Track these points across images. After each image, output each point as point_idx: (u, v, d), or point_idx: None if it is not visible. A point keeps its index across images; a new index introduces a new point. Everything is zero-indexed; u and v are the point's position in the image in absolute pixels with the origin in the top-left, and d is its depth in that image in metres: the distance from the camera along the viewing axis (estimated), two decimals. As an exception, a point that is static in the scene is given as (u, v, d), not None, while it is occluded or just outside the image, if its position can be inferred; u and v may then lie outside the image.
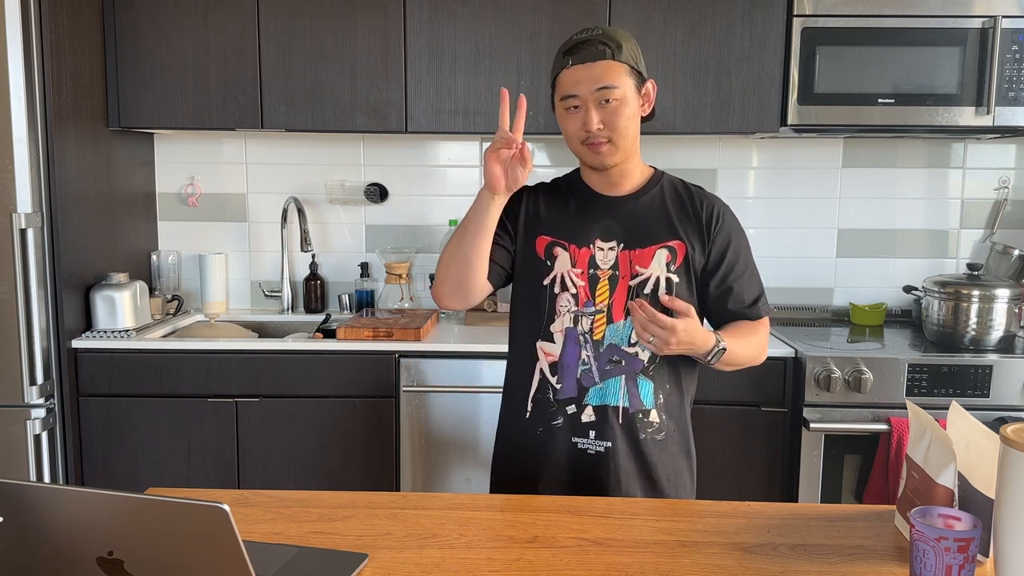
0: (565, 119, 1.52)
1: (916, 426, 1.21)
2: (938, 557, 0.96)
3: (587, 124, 1.48)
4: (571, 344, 1.53)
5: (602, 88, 1.46)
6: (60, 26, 2.34)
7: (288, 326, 2.91)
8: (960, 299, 2.50)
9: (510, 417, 1.62)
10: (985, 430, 1.13)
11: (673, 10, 2.54)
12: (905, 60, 2.48)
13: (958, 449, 1.11)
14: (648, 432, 1.53)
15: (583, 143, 1.50)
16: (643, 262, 1.53)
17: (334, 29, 2.57)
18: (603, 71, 1.46)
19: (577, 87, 1.47)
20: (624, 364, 1.52)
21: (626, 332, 1.52)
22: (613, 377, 1.52)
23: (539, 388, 1.56)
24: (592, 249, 1.54)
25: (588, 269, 1.53)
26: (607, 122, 1.48)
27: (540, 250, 1.56)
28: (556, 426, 1.54)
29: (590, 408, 1.53)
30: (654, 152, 2.94)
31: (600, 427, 1.52)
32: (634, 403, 1.53)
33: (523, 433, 1.57)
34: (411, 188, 3.01)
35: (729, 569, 1.09)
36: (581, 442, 1.53)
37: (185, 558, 0.86)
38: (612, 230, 1.55)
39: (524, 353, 1.58)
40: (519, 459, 1.58)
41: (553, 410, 1.54)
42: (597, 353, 1.52)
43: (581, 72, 1.47)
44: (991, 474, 1.05)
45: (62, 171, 2.37)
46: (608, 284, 1.52)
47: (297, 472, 2.48)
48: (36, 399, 2.34)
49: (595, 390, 1.52)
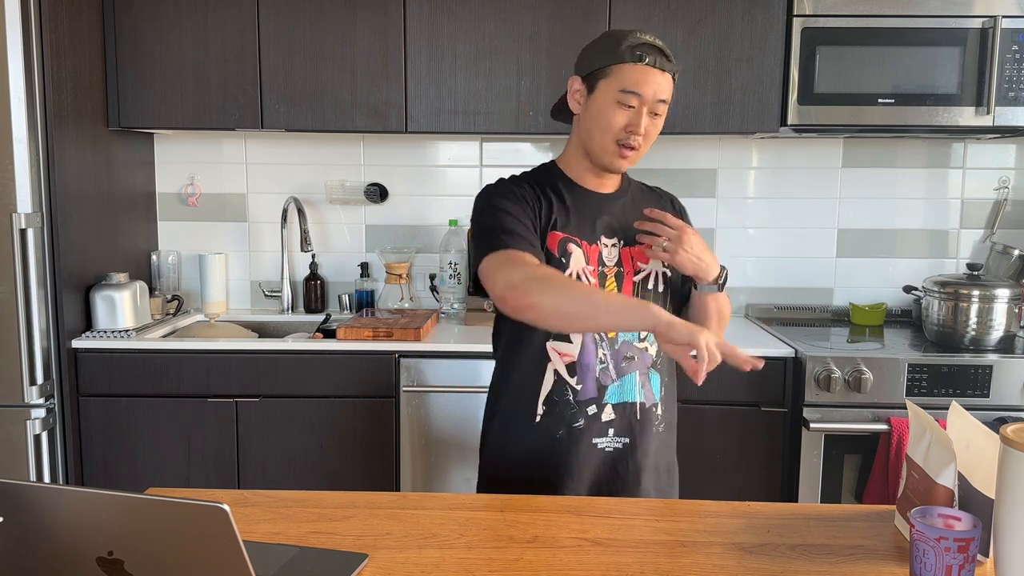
0: (613, 111, 1.46)
1: (916, 426, 1.21)
2: (938, 557, 0.96)
3: (634, 126, 1.45)
4: (588, 343, 1.51)
5: (662, 101, 1.46)
6: (60, 26, 2.34)
7: (288, 326, 2.91)
8: (960, 299, 2.50)
9: (511, 422, 1.55)
10: (985, 430, 1.13)
11: (673, 10, 2.54)
12: (905, 60, 2.48)
13: (958, 449, 1.11)
14: (655, 424, 1.56)
15: (618, 142, 1.47)
16: (643, 257, 1.55)
17: (334, 29, 2.57)
18: (668, 84, 1.47)
19: (645, 87, 1.44)
20: (637, 360, 1.53)
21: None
22: (629, 373, 1.52)
23: (554, 390, 1.51)
24: (599, 246, 1.53)
25: (597, 266, 1.52)
26: (648, 132, 1.48)
27: (554, 247, 1.50)
28: (578, 428, 1.51)
29: (610, 407, 1.52)
30: (654, 152, 2.93)
31: (619, 424, 1.52)
32: (648, 397, 1.54)
33: (536, 437, 1.52)
34: (411, 188, 3.01)
35: (729, 569, 1.09)
36: (601, 442, 1.52)
37: (185, 558, 0.86)
38: (612, 227, 1.54)
39: (532, 355, 1.52)
40: (528, 465, 1.52)
41: (574, 411, 1.51)
42: (613, 351, 1.51)
43: (655, 76, 1.45)
44: (991, 474, 1.05)
45: (62, 171, 2.37)
46: (615, 281, 1.52)
47: (297, 472, 2.48)
48: (36, 399, 2.34)
49: (613, 388, 1.52)
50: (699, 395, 1.66)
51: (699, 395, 1.66)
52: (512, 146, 2.98)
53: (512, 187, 1.54)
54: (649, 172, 2.76)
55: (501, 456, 1.59)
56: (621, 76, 1.45)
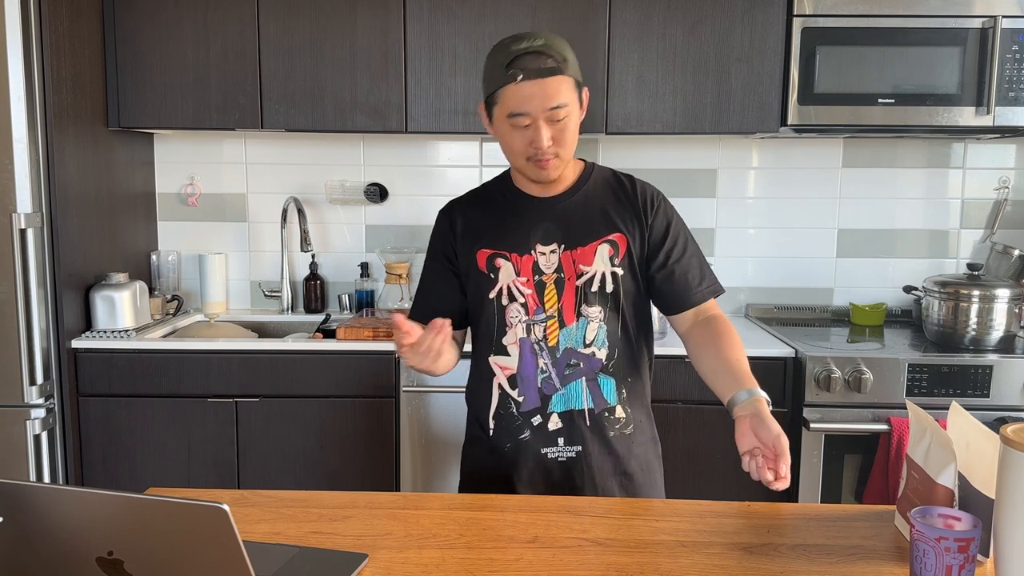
0: (510, 135, 1.43)
1: (916, 426, 1.21)
2: (938, 557, 0.96)
3: (536, 142, 1.41)
4: (527, 354, 1.49)
5: (556, 107, 1.38)
6: (60, 27, 2.34)
7: (288, 326, 2.90)
8: (960, 299, 2.50)
9: (474, 435, 1.60)
10: (985, 430, 1.13)
11: (673, 10, 2.54)
12: (905, 60, 2.48)
13: (958, 449, 1.11)
14: (616, 428, 1.52)
15: (529, 159, 1.44)
16: (586, 260, 1.49)
17: (334, 29, 2.57)
18: (555, 89, 1.38)
19: (528, 104, 1.38)
20: (582, 366, 1.49)
21: (579, 334, 1.49)
22: (574, 380, 1.49)
23: (500, 404, 1.53)
24: (534, 255, 1.49)
25: (533, 276, 1.49)
26: (556, 139, 1.41)
27: (482, 264, 1.51)
28: (524, 440, 1.51)
29: (555, 415, 1.50)
30: (654, 152, 2.95)
31: (568, 433, 1.50)
32: (598, 403, 1.50)
33: (490, 452, 1.55)
34: (411, 188, 3.01)
35: (729, 569, 1.09)
36: (551, 451, 1.50)
37: (185, 558, 0.86)
38: (551, 232, 1.50)
39: (480, 370, 1.56)
40: (488, 478, 1.55)
41: (518, 424, 1.51)
42: (554, 359, 1.49)
43: (532, 89, 1.37)
44: (991, 474, 1.05)
45: (62, 171, 2.37)
46: (555, 288, 1.48)
47: (297, 472, 2.48)
48: (36, 399, 2.34)
49: (558, 396, 1.50)
50: (700, 395, 1.66)
51: (700, 395, 1.66)
52: (512, 146, 2.97)
53: (437, 230, 1.58)
54: (649, 172, 2.77)
55: (468, 471, 1.63)
56: (505, 100, 1.40)
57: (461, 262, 1.55)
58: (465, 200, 1.60)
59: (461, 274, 1.56)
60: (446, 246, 1.57)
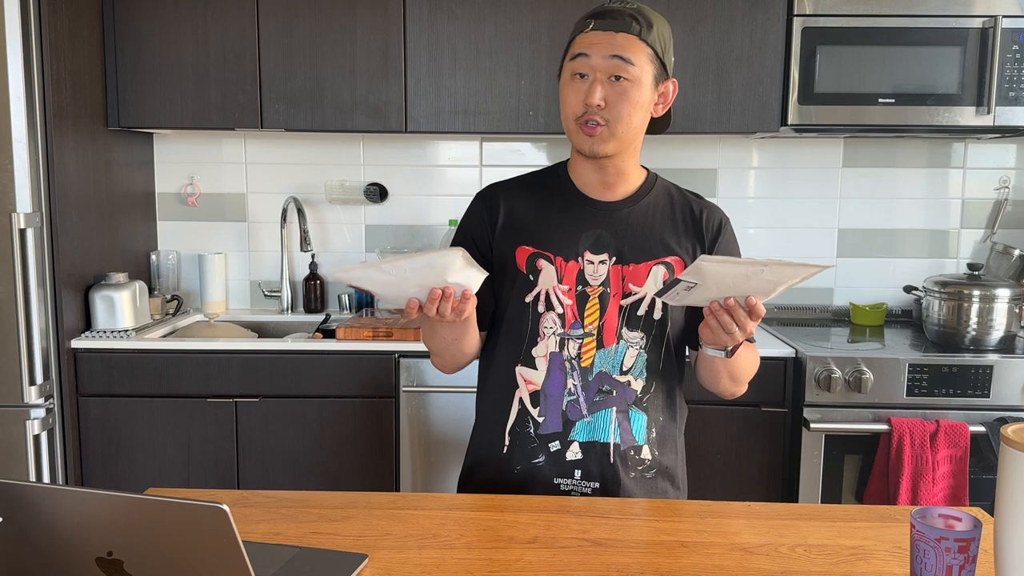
0: (566, 88, 1.31)
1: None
2: (938, 557, 0.96)
3: (589, 96, 1.28)
4: (556, 371, 1.35)
5: (616, 57, 1.27)
6: (60, 26, 2.34)
7: (288, 326, 2.90)
8: (960, 299, 2.50)
9: (484, 446, 1.44)
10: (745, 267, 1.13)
11: (673, 10, 2.54)
12: (905, 60, 2.48)
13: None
14: (639, 471, 1.38)
15: (578, 120, 1.31)
16: (637, 279, 1.35)
17: (334, 29, 2.57)
18: (624, 42, 1.27)
19: (590, 47, 1.28)
20: (615, 394, 1.35)
21: (617, 358, 1.35)
22: (603, 409, 1.35)
23: (518, 420, 1.38)
24: (581, 262, 1.35)
25: (576, 285, 1.34)
26: (610, 101, 1.28)
27: (521, 262, 1.36)
28: (537, 465, 1.37)
29: (576, 444, 1.35)
30: (654, 152, 2.94)
31: (587, 466, 1.35)
32: (626, 439, 1.36)
33: (498, 469, 1.40)
34: (411, 188, 3.01)
35: (729, 569, 1.09)
36: (564, 483, 1.37)
37: (185, 558, 0.86)
38: (603, 241, 1.35)
39: (502, 379, 1.40)
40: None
41: (534, 447, 1.37)
42: (585, 382, 1.35)
43: (599, 37, 1.28)
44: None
45: (61, 171, 2.37)
46: (599, 303, 1.34)
47: (297, 472, 2.48)
48: (35, 399, 2.34)
49: (583, 424, 1.35)
50: (700, 395, 1.65)
51: (700, 395, 1.65)
52: (512, 146, 2.97)
53: (472, 214, 1.43)
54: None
55: (468, 480, 1.49)
56: (572, 48, 1.32)
57: (496, 255, 1.39)
58: (511, 185, 1.43)
59: (493, 269, 1.39)
60: (481, 233, 1.40)
